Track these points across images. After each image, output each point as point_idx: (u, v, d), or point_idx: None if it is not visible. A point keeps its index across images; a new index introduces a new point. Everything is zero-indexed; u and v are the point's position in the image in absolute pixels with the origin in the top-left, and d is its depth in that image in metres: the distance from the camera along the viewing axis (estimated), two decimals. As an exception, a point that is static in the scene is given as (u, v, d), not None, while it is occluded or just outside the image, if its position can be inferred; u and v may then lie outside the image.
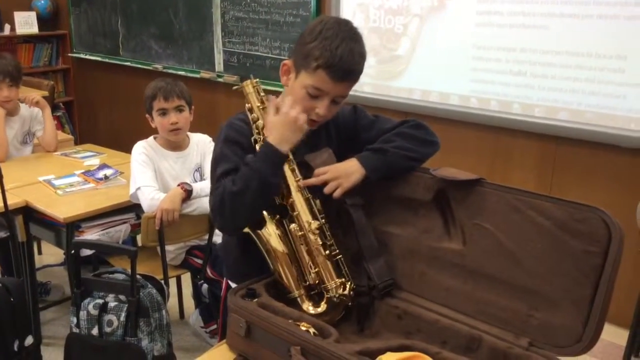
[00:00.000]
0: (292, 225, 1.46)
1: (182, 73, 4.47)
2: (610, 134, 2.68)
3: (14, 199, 2.52)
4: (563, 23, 2.70)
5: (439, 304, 1.44)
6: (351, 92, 1.53)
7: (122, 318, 2.18)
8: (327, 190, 1.45)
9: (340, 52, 1.38)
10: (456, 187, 1.45)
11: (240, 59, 4.13)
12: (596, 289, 1.22)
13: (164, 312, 2.28)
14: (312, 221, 1.45)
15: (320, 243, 1.46)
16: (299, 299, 1.47)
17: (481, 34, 2.96)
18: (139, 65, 4.88)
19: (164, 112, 2.47)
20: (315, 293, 1.49)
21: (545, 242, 1.31)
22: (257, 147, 1.44)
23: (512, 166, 3.06)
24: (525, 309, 1.31)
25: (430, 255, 1.48)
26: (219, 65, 4.26)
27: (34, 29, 5.41)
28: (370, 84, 3.41)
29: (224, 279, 1.75)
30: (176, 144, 2.55)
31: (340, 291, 1.46)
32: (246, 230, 1.48)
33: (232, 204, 1.39)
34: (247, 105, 1.47)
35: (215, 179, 1.46)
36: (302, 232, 1.45)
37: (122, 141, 2.55)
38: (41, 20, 5.46)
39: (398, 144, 1.50)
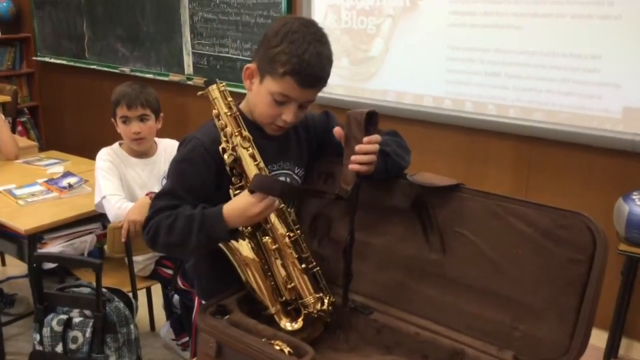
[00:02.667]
0: (266, 238, 1.38)
1: (150, 76, 4.36)
2: (585, 134, 2.65)
3: (-27, 211, 2.41)
4: (537, 23, 2.68)
5: (419, 316, 1.38)
6: (324, 95, 1.46)
7: (88, 334, 2.09)
8: (364, 160, 1.31)
9: (308, 57, 1.31)
10: (434, 193, 1.39)
11: (210, 61, 4.04)
12: (582, 298, 1.18)
13: (132, 326, 2.19)
14: (287, 233, 1.38)
15: (296, 256, 1.39)
16: (275, 316, 1.39)
17: (455, 35, 2.93)
18: (106, 69, 4.74)
19: (126, 120, 2.37)
20: (293, 308, 1.42)
21: (527, 250, 1.26)
22: (226, 156, 1.36)
23: (487, 168, 3.03)
24: (509, 320, 1.26)
25: (409, 265, 1.43)
26: (189, 68, 4.16)
27: (-5, 32, 5.24)
28: (343, 86, 3.35)
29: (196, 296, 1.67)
30: (142, 151, 2.45)
31: (319, 306, 1.39)
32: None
33: (164, 249, 1.42)
34: (213, 111, 1.39)
35: (153, 205, 1.40)
36: (277, 245, 1.38)
37: (89, 147, 2.45)
38: (3, 23, 5.29)
39: (392, 149, 1.43)
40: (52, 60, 5.26)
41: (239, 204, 1.32)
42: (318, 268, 1.43)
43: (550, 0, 2.62)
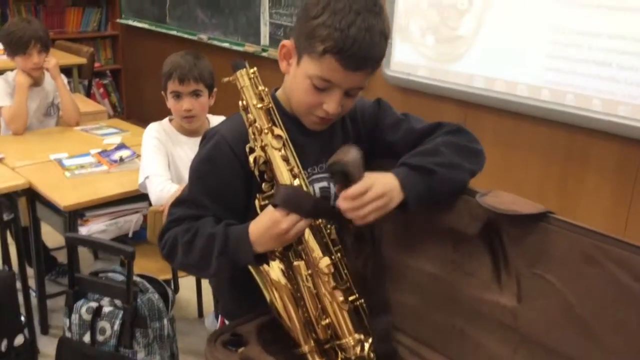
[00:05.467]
0: (298, 262, 1.12)
1: (227, 45, 4.17)
2: None
3: (19, 180, 2.30)
4: (664, 5, 2.23)
5: (479, 378, 1.09)
6: (401, 76, 1.17)
7: (116, 327, 1.93)
8: (361, 216, 1.07)
9: (354, 32, 1.03)
10: (512, 220, 1.07)
11: (287, 32, 3.78)
12: None
13: (165, 320, 2.01)
14: (323, 257, 1.11)
15: (333, 286, 1.12)
16: (308, 356, 1.14)
17: (561, 15, 2.50)
18: (185, 35, 4.60)
19: (177, 95, 2.16)
20: (331, 347, 1.16)
21: (631, 313, 0.93)
22: (251, 158, 1.11)
23: (586, 172, 2.62)
24: (599, 406, 0.95)
25: (472, 309, 1.13)
26: (265, 39, 3.93)
27: (83, -8, 5.23)
28: (426, 67, 3.00)
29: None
30: (193, 130, 2.24)
31: (358, 351, 1.12)
32: None
33: (182, 269, 1.35)
34: (240, 102, 1.13)
35: (171, 214, 1.17)
36: (310, 271, 1.12)
37: (168, 114, 2.27)
38: (91, -16, 5.27)
39: (444, 159, 1.13)
40: (135, 24, 5.18)
41: (264, 221, 1.08)
42: (362, 300, 1.16)
43: (684, -23, 2.17)
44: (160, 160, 2.14)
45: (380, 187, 1.07)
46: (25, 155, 2.54)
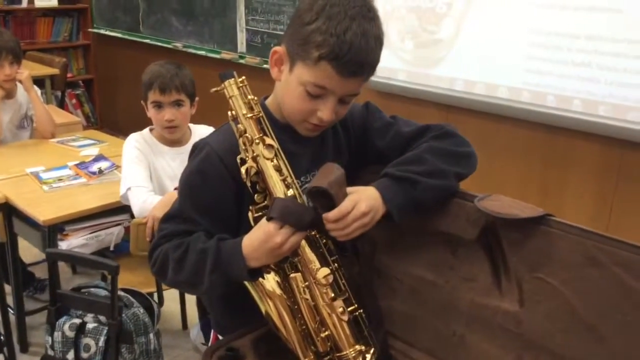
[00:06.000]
0: (294, 274, 1.09)
1: (203, 53, 4.12)
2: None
3: (-5, 195, 2.23)
4: (641, 6, 2.25)
5: (483, 386, 1.07)
6: (382, 80, 1.15)
7: (101, 343, 1.87)
8: (345, 234, 1.06)
9: (350, 37, 1.01)
10: (511, 224, 1.06)
11: (264, 38, 3.75)
12: None
13: (151, 335, 1.96)
14: (322, 268, 1.08)
15: (332, 296, 1.09)
16: None
17: (539, 16, 2.52)
18: (159, 43, 4.54)
19: (159, 105, 2.11)
20: (330, 359, 1.13)
21: (636, 314, 0.93)
22: (243, 169, 1.07)
23: (568, 173, 2.63)
24: (608, 410, 0.93)
25: (473, 314, 1.11)
26: (242, 45, 3.89)
27: (53, 1, 5.13)
28: (406, 72, 2.99)
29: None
30: (175, 140, 2.20)
31: None
32: None
33: (174, 286, 1.29)
34: (230, 112, 1.10)
35: (160, 229, 1.14)
36: (307, 283, 1.09)
37: (141, 125, 2.22)
38: (61, -7, 5.18)
39: (429, 166, 1.12)
40: (108, 33, 5.11)
41: (257, 235, 1.04)
42: (361, 310, 1.14)
43: (660, -22, 2.20)
44: (142, 171, 2.10)
45: (364, 204, 1.06)
46: (0, 169, 2.46)
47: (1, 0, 4.92)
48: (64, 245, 2.16)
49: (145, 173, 2.10)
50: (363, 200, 1.06)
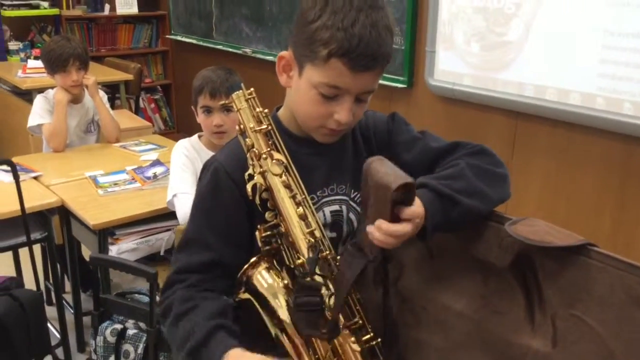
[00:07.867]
0: None
1: (271, 58, 4.12)
2: None
3: (51, 198, 2.29)
4: None
5: None
6: (446, 85, 1.08)
7: (140, 350, 1.86)
8: (387, 245, 0.94)
9: (359, 29, 0.93)
10: (548, 253, 0.94)
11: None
12: None
13: (191, 345, 1.93)
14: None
15: (343, 323, 1.01)
16: None
17: (615, 16, 2.31)
18: (230, 49, 4.59)
19: (208, 110, 2.10)
20: None
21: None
22: (249, 186, 1.01)
23: (648, 187, 2.40)
24: None
25: (501, 352, 0.99)
26: (308, 50, 3.86)
27: (133, 9, 5.31)
28: (471, 76, 2.84)
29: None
30: (222, 146, 2.17)
31: None
32: (244, 296, 1.08)
33: (166, 334, 1.13)
34: (238, 126, 1.05)
35: (176, 260, 1.09)
36: None
37: None
38: (140, 1, 5.34)
39: (466, 184, 1.02)
40: (184, 39, 5.23)
41: None
42: (379, 340, 1.04)
43: None
44: (188, 178, 2.09)
45: (420, 219, 0.95)
46: (61, 172, 2.54)
47: (85, 8, 5.14)
48: (114, 249, 2.18)
49: (192, 180, 2.09)
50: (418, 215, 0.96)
